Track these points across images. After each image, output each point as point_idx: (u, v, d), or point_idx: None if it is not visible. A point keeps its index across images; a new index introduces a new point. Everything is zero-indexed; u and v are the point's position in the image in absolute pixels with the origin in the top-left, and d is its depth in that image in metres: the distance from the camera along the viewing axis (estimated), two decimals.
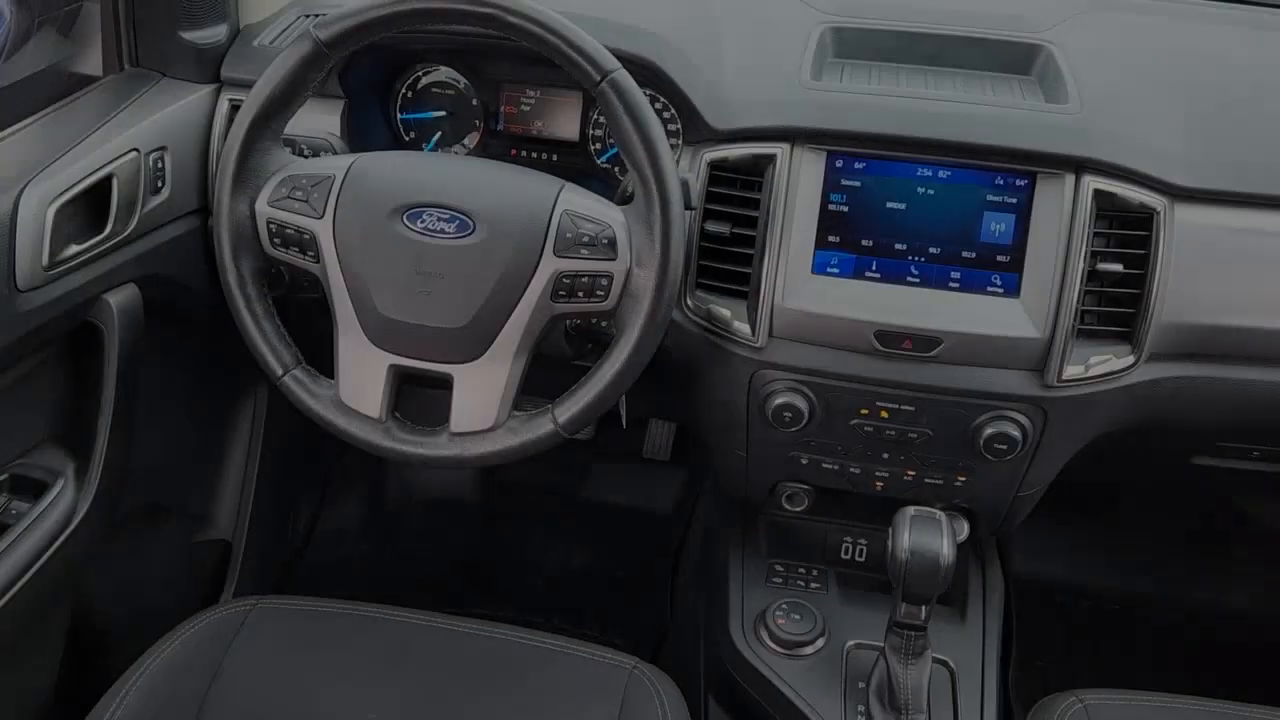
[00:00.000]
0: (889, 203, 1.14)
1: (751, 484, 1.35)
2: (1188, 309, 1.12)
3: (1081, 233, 1.09)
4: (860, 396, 1.18)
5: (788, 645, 1.25)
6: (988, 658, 1.27)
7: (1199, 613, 1.88)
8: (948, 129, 1.13)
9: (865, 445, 1.22)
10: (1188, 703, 1.16)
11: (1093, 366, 1.12)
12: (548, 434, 1.05)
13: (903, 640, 1.13)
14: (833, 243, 1.15)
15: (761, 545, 1.42)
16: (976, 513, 1.31)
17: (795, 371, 1.18)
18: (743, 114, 1.17)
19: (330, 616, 1.20)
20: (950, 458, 1.21)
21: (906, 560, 1.07)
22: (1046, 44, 1.26)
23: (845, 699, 1.20)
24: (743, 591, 1.34)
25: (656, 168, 1.00)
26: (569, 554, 1.99)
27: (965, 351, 1.13)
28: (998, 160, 1.12)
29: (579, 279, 1.02)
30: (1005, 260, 1.13)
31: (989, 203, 1.13)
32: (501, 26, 1.00)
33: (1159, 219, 1.10)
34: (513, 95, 1.38)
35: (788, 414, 1.18)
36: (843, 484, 1.29)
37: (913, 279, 1.15)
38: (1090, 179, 1.10)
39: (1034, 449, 1.18)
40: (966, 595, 1.35)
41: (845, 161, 1.15)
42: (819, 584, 1.36)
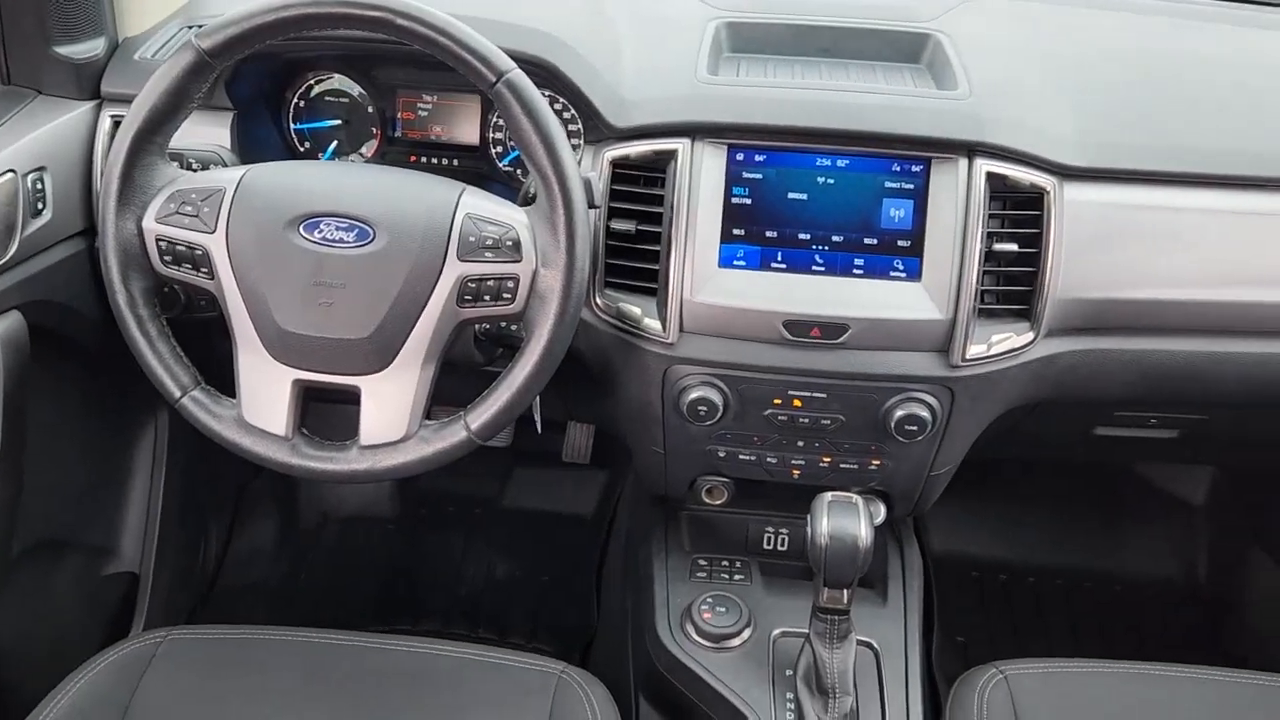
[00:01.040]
0: (791, 193, 1.16)
1: (670, 480, 1.35)
2: (1080, 285, 1.15)
3: (977, 215, 1.12)
4: (773, 386, 1.19)
5: (714, 638, 1.26)
6: (910, 637, 1.29)
7: (1109, 579, 1.95)
8: (843, 118, 1.14)
9: (780, 435, 1.23)
10: (1099, 666, 1.20)
11: (994, 345, 1.15)
12: (461, 441, 1.04)
13: (827, 625, 1.14)
14: (738, 235, 1.16)
15: (684, 541, 1.42)
16: (892, 495, 1.33)
17: (707, 365, 1.18)
18: (642, 111, 1.17)
19: (245, 644, 1.16)
20: (863, 442, 1.23)
21: (826, 545, 1.09)
22: (935, 33, 1.29)
23: (773, 687, 1.21)
24: (667, 588, 1.34)
25: (557, 167, 0.99)
26: (492, 563, 1.97)
27: (872, 336, 1.14)
28: (893, 147, 1.14)
29: (484, 283, 1.01)
30: (906, 245, 1.15)
31: (887, 189, 1.15)
32: (392, 30, 0.98)
33: (1049, 198, 1.13)
34: (409, 101, 1.36)
35: (702, 408, 1.19)
36: (760, 474, 1.29)
37: (818, 268, 1.16)
38: (982, 162, 1.13)
39: (943, 428, 1.20)
40: (887, 577, 1.38)
41: (746, 154, 1.16)
42: (743, 575, 1.36)
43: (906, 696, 1.22)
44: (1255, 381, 1.23)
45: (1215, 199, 1.18)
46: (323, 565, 1.96)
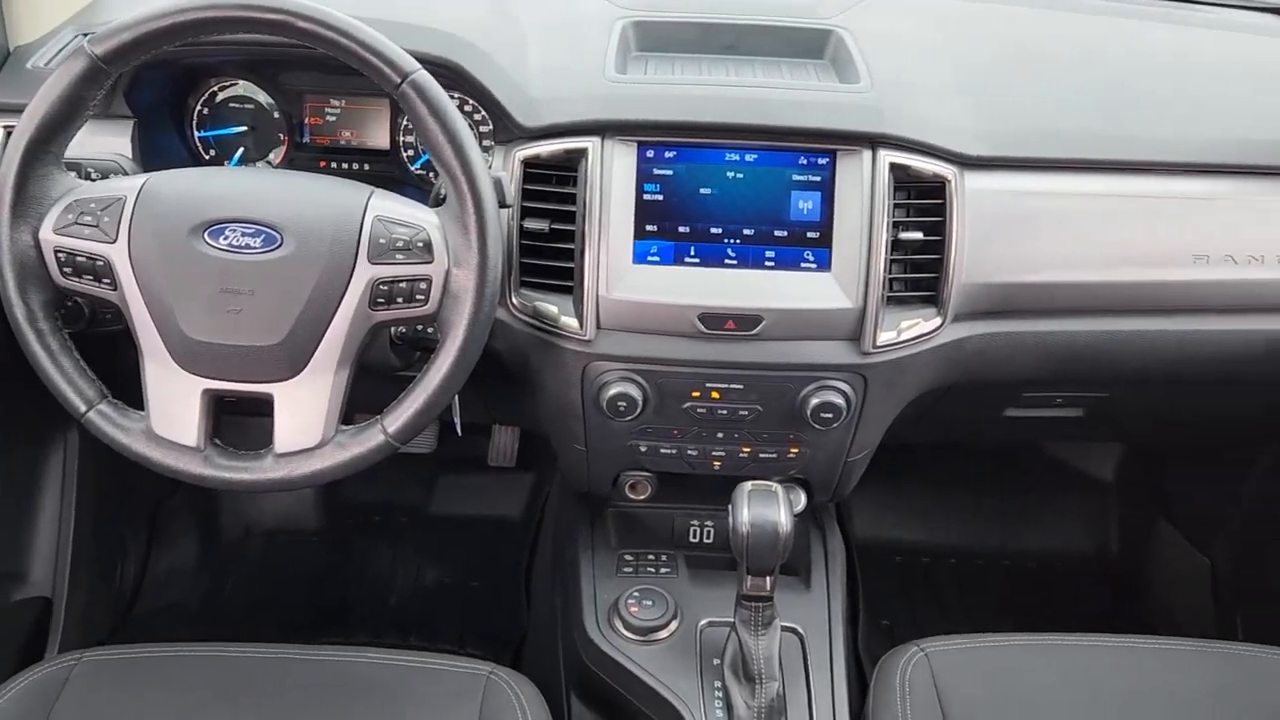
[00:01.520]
0: (701, 188, 1.17)
1: (594, 477, 1.36)
2: (984, 270, 1.19)
3: (882, 205, 1.14)
4: (690, 380, 1.20)
5: (642, 632, 1.27)
6: (834, 620, 1.32)
7: (1025, 556, 2.01)
8: (750, 114, 1.16)
9: (700, 427, 1.25)
10: (1015, 639, 1.24)
11: (904, 331, 1.18)
12: (378, 446, 1.03)
13: (751, 612, 1.16)
14: (651, 231, 1.17)
15: (611, 537, 1.43)
16: (812, 482, 1.35)
17: (626, 361, 1.19)
18: (551, 110, 1.18)
19: (165, 662, 1.14)
20: (781, 431, 1.25)
21: (747, 534, 1.10)
22: (836, 29, 1.32)
23: (701, 676, 1.22)
24: (594, 584, 1.35)
25: (466, 167, 0.99)
26: (420, 570, 1.95)
27: (785, 327, 1.16)
28: (799, 141, 1.16)
29: (397, 284, 1.00)
30: (815, 236, 1.17)
31: (795, 182, 1.17)
32: (293, 33, 0.97)
33: (951, 187, 1.16)
34: (317, 106, 1.35)
35: (622, 403, 1.19)
36: (682, 467, 1.31)
37: (730, 261, 1.18)
38: (885, 153, 1.15)
39: (858, 414, 1.23)
40: (810, 563, 1.40)
41: (656, 151, 1.17)
42: (669, 569, 1.38)
43: (831, 679, 1.24)
44: (1151, 358, 1.28)
45: (1108, 184, 1.22)
46: (247, 580, 1.92)
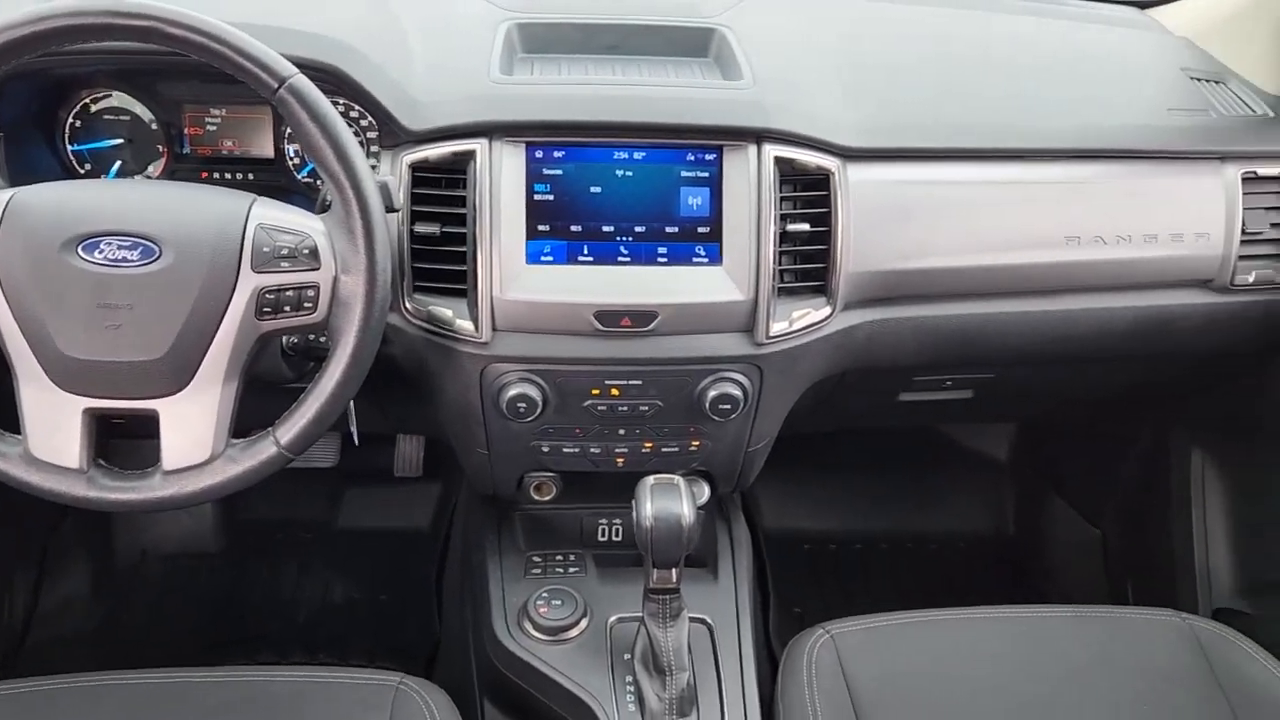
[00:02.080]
0: (592, 187, 1.18)
1: (498, 480, 1.36)
2: (870, 259, 1.22)
3: (769, 198, 1.17)
4: (589, 378, 1.21)
5: (552, 631, 1.27)
6: (741, 609, 1.33)
7: (927, 537, 2.07)
8: (636, 112, 1.17)
9: (601, 425, 1.26)
10: (916, 616, 1.28)
11: (795, 321, 1.20)
12: (271, 458, 1.01)
13: (659, 605, 1.17)
14: (543, 231, 1.17)
15: (519, 540, 1.43)
16: (714, 474, 1.37)
17: (523, 362, 1.19)
18: (437, 113, 1.17)
19: (57, 694, 1.10)
20: (682, 424, 1.26)
21: (651, 527, 1.11)
22: (720, 27, 1.34)
23: (612, 672, 1.23)
24: (503, 588, 1.34)
25: (349, 171, 0.98)
26: (327, 586, 1.92)
27: (680, 321, 1.18)
28: (686, 138, 1.18)
29: (283, 293, 0.98)
30: (706, 231, 1.19)
31: (684, 178, 1.18)
32: (163, 40, 0.95)
33: (835, 179, 1.19)
34: (196, 116, 1.32)
35: (522, 404, 1.19)
36: (586, 466, 1.31)
37: (623, 258, 1.18)
38: (770, 148, 1.18)
39: (755, 404, 1.25)
40: (717, 555, 1.42)
41: (545, 152, 1.17)
42: (578, 568, 1.38)
43: (741, 667, 1.26)
44: (1031, 337, 1.33)
45: (984, 171, 1.27)
46: (145, 607, 1.86)
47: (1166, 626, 1.28)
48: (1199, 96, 1.38)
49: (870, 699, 1.18)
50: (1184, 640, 1.26)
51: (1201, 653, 1.24)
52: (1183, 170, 1.31)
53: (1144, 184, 1.30)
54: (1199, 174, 1.31)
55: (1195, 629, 1.27)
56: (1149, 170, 1.31)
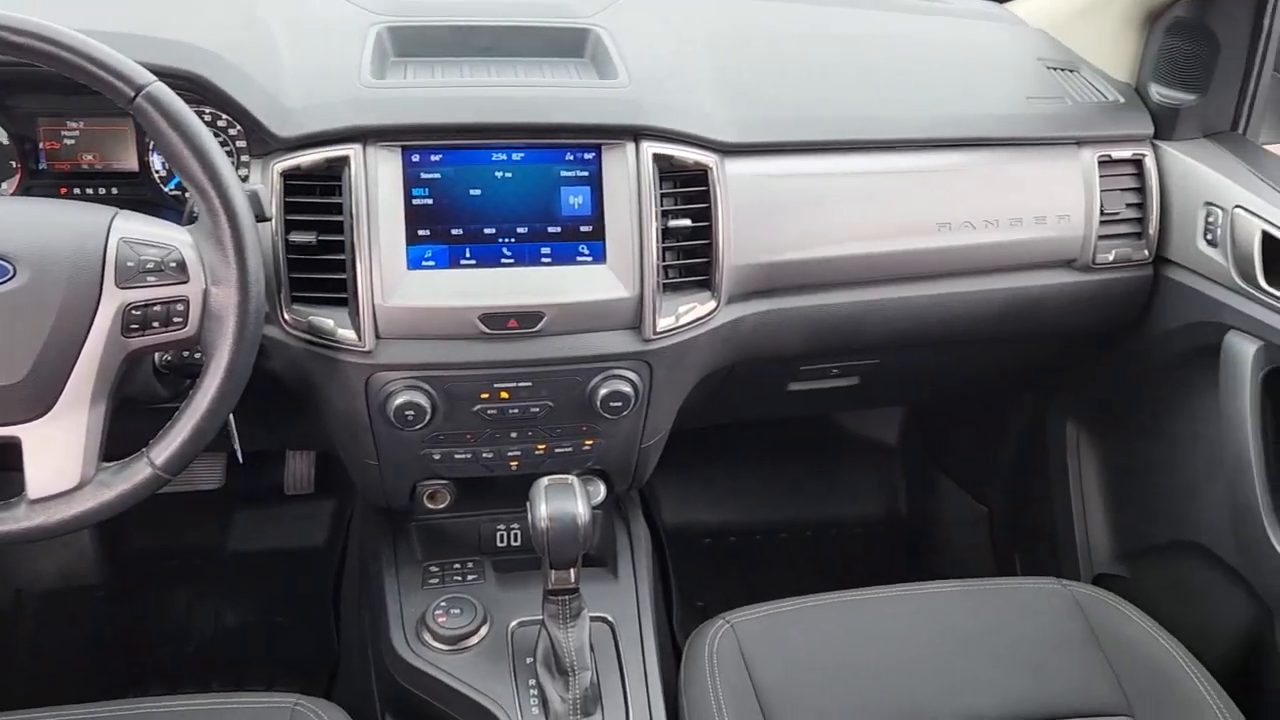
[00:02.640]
0: (471, 190, 1.17)
1: (389, 490, 1.33)
2: (750, 251, 1.24)
3: (649, 195, 1.18)
4: (478, 382, 1.20)
5: (451, 641, 1.25)
6: (643, 606, 1.34)
7: (825, 524, 2.11)
8: (512, 112, 1.17)
9: (493, 429, 1.25)
10: (813, 600, 1.31)
11: (682, 316, 1.21)
12: (146, 480, 0.97)
13: (558, 606, 1.16)
14: (423, 236, 1.16)
15: (415, 551, 1.41)
16: (610, 472, 1.37)
17: (409, 369, 1.17)
18: (307, 119, 1.15)
19: None
20: (574, 424, 1.26)
21: (547, 528, 1.11)
22: (594, 27, 1.34)
23: (515, 677, 1.22)
24: (400, 600, 1.32)
25: (215, 179, 0.95)
26: (219, 612, 1.85)
27: (567, 321, 1.18)
28: (564, 137, 1.18)
29: (151, 308, 0.95)
30: (589, 230, 1.19)
31: (564, 178, 1.18)
32: (8, 48, 0.91)
33: (713, 174, 1.21)
34: (52, 129, 1.26)
35: (409, 412, 1.18)
36: (479, 471, 1.30)
37: (507, 260, 1.18)
38: (648, 145, 1.19)
39: (647, 400, 1.26)
40: (616, 553, 1.42)
41: (421, 155, 1.16)
42: (476, 575, 1.37)
43: (644, 663, 1.26)
44: (909, 322, 1.37)
45: (857, 163, 1.30)
46: (22, 648, 1.77)
47: (1050, 594, 1.33)
48: (1055, 85, 1.44)
49: (772, 684, 1.20)
50: (1066, 606, 1.31)
51: (1083, 617, 1.30)
52: (1043, 156, 1.37)
53: (1007, 170, 1.36)
54: (1058, 159, 1.37)
55: (1076, 595, 1.33)
56: (1011, 157, 1.36)
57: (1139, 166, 1.39)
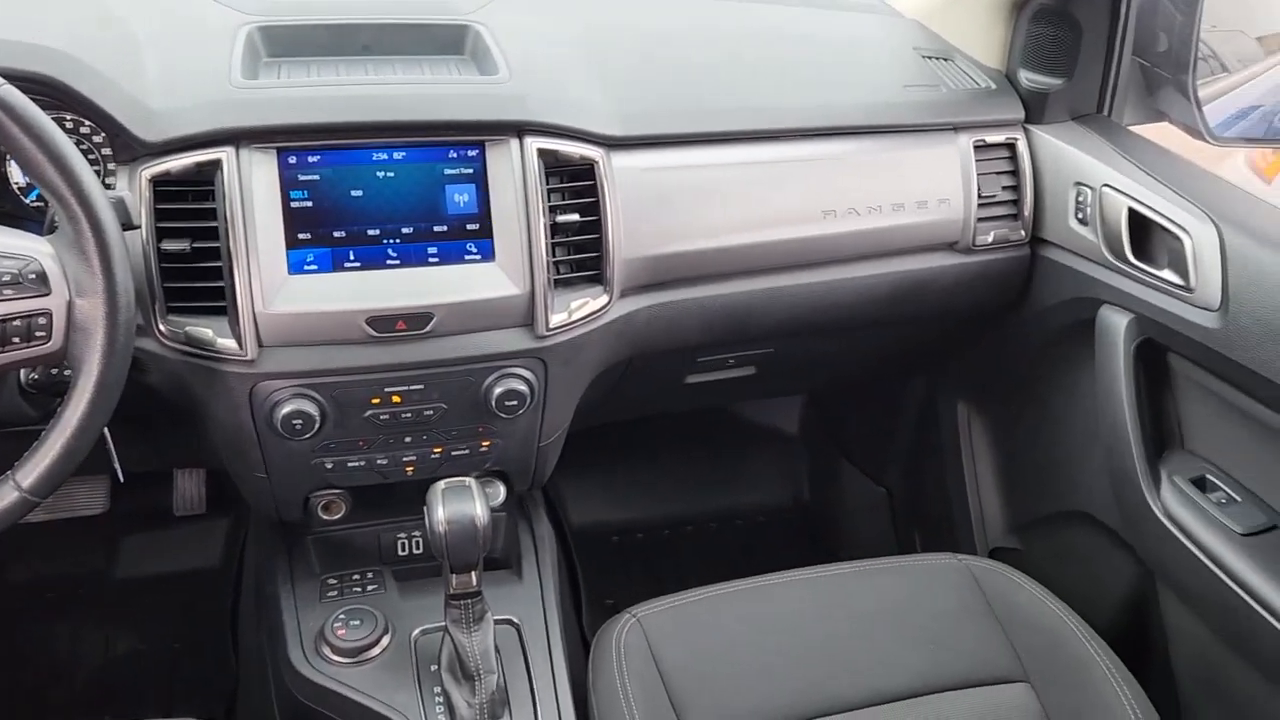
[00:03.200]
0: (352, 191, 1.14)
1: (281, 503, 1.30)
2: (640, 244, 1.24)
3: (536, 191, 1.17)
4: (368, 387, 1.17)
5: (352, 653, 1.22)
6: (548, 606, 1.33)
7: (730, 514, 2.13)
8: (392, 111, 1.15)
9: (386, 434, 1.22)
10: (718, 589, 1.32)
11: (575, 311, 1.20)
12: (13, 504, 0.92)
13: (461, 610, 1.15)
14: (305, 240, 1.13)
15: (313, 565, 1.37)
16: (509, 472, 1.36)
17: (296, 376, 1.14)
18: (174, 123, 1.10)
19: None
20: (470, 425, 1.24)
21: (445, 531, 1.09)
22: (474, 24, 1.33)
23: (420, 685, 1.20)
24: (297, 614, 1.28)
25: (74, 186, 0.91)
26: (110, 642, 1.78)
27: (457, 321, 1.16)
28: (445, 134, 1.16)
29: (9, 324, 0.90)
30: (476, 228, 1.17)
31: (448, 176, 1.17)
32: None
33: (599, 168, 1.20)
34: None
35: (298, 421, 1.14)
36: (374, 478, 1.27)
37: (392, 261, 1.15)
38: (532, 140, 1.18)
39: (543, 398, 1.25)
40: (520, 555, 1.41)
41: (299, 157, 1.13)
42: (376, 585, 1.34)
43: (551, 663, 1.25)
44: (800, 309, 1.39)
45: (741, 153, 1.31)
46: None
47: (946, 569, 1.37)
48: (931, 73, 1.48)
49: (680, 674, 1.21)
50: (962, 579, 1.35)
51: (979, 589, 1.33)
52: (921, 142, 1.40)
53: (888, 156, 1.38)
54: (936, 144, 1.41)
55: (971, 568, 1.36)
56: (892, 144, 1.39)
57: (1012, 150, 1.43)
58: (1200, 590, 1.20)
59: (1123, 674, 1.22)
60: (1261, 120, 1.49)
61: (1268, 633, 1.10)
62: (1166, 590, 1.31)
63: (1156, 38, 1.40)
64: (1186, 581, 1.24)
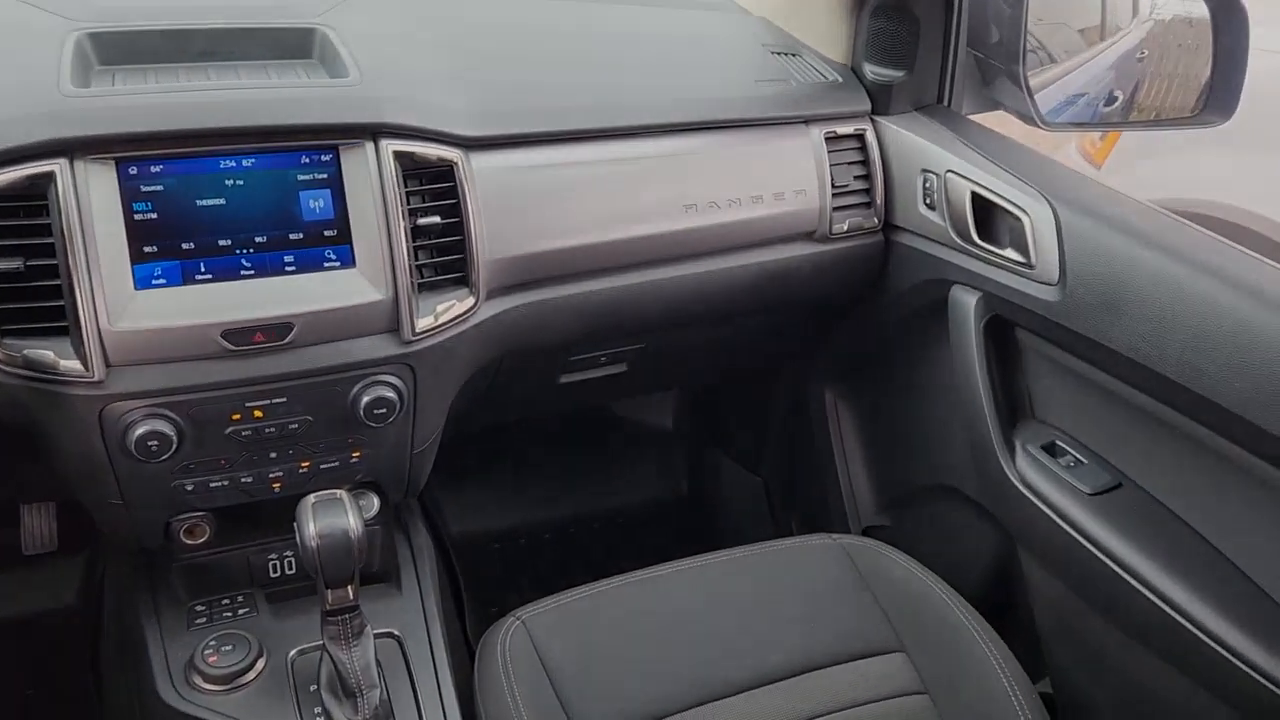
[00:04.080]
0: (200, 201, 1.10)
1: (141, 530, 1.24)
2: (504, 245, 1.24)
3: (394, 194, 1.15)
4: (227, 403, 1.13)
5: (224, 680, 1.17)
6: (430, 617, 1.31)
7: (612, 513, 2.13)
8: (236, 116, 1.11)
9: (249, 451, 1.18)
10: (601, 586, 1.32)
11: (441, 315, 1.19)
12: None
13: (339, 626, 1.12)
14: (151, 253, 1.08)
15: (178, 593, 1.31)
16: (382, 483, 1.33)
17: (149, 396, 1.09)
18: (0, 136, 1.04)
19: None
20: (338, 437, 1.21)
21: (317, 546, 1.06)
22: (321, 27, 1.30)
23: (299, 707, 1.16)
24: (164, 645, 1.23)
25: None
26: None
27: (319, 330, 1.13)
28: (295, 139, 1.13)
29: None
30: (333, 234, 1.14)
31: (302, 182, 1.14)
32: None
33: (459, 169, 1.19)
34: None
35: (153, 443, 1.10)
36: (239, 498, 1.23)
37: (247, 271, 1.12)
38: (387, 142, 1.15)
39: (413, 404, 1.23)
40: (399, 567, 1.38)
41: (140, 167, 1.08)
42: (248, 609, 1.29)
43: (436, 674, 1.23)
44: (667, 304, 1.40)
45: (600, 151, 1.32)
46: None
47: (821, 549, 1.40)
48: (780, 69, 1.52)
49: (566, 672, 1.20)
50: (836, 558, 1.38)
51: (852, 566, 1.37)
52: (775, 135, 1.44)
53: (744, 150, 1.41)
54: (789, 137, 1.44)
55: (845, 546, 1.40)
56: (746, 138, 1.42)
57: (861, 140, 1.49)
58: (1056, 551, 1.27)
59: (991, 636, 1.27)
60: (1088, 106, 1.58)
61: (1119, 586, 1.17)
62: (1027, 554, 1.38)
63: (989, 30, 1.48)
64: (1044, 544, 1.30)
